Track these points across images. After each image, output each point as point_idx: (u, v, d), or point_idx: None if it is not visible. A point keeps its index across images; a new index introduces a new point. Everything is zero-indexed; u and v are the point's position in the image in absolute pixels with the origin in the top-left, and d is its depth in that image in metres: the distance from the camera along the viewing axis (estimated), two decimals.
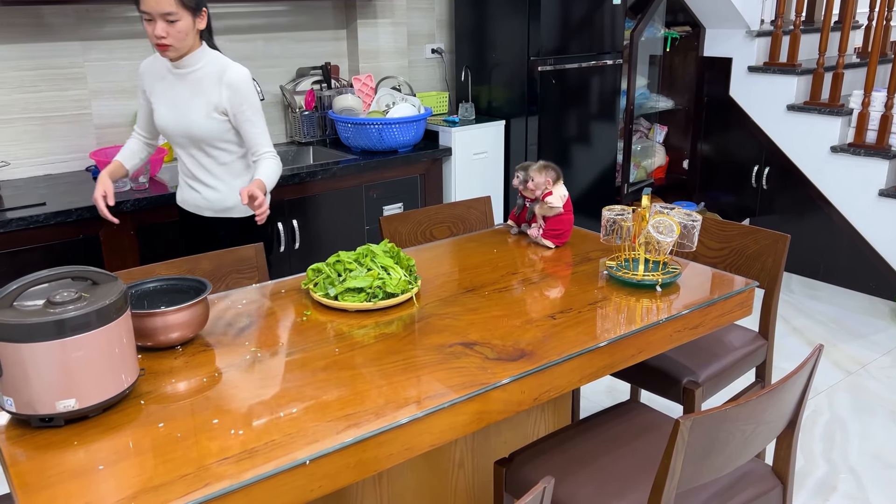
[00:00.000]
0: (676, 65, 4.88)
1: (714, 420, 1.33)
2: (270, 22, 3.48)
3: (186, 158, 2.37)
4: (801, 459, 2.63)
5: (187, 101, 2.26)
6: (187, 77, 2.26)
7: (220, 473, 1.21)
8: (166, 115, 2.30)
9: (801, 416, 1.60)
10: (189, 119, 2.26)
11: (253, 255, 2.20)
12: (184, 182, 2.44)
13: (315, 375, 1.52)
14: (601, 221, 2.06)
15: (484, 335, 1.69)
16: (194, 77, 2.25)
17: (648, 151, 4.92)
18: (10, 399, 1.33)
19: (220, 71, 2.24)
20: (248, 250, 2.20)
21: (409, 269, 1.94)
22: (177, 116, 2.28)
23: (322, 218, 3.17)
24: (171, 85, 2.28)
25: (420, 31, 4.04)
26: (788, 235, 2.30)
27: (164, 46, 2.14)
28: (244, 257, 2.19)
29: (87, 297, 1.37)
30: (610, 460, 1.72)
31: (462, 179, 3.65)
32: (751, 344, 2.35)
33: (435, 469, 1.95)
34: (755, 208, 4.59)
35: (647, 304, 1.86)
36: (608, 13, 3.92)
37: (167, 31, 2.11)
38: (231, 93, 2.24)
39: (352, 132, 3.37)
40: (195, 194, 2.41)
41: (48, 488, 1.18)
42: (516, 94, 3.80)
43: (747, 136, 4.55)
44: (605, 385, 3.14)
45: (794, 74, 4.26)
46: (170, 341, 1.62)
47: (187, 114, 2.26)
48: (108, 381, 1.38)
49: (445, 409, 1.41)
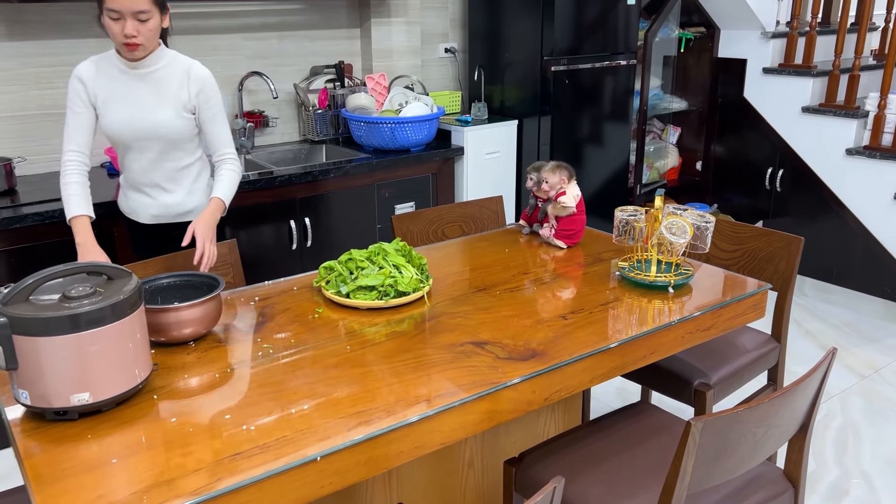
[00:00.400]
0: (690, 66, 4.86)
1: (726, 422, 1.32)
2: (284, 20, 3.50)
3: (143, 163, 2.23)
4: (813, 463, 2.62)
5: (153, 102, 2.16)
6: (148, 77, 2.16)
7: (233, 468, 1.21)
8: (124, 118, 2.16)
9: (814, 419, 1.59)
10: (156, 119, 2.16)
11: (227, 252, 2.21)
12: (134, 190, 2.29)
13: (326, 372, 1.52)
14: (614, 222, 2.06)
15: (495, 334, 1.69)
16: (157, 76, 2.17)
17: (661, 152, 4.90)
18: (25, 392, 1.34)
19: (185, 69, 2.19)
20: (221, 247, 2.20)
21: (421, 267, 1.95)
22: (140, 118, 2.16)
23: (334, 216, 3.18)
24: (128, 86, 2.16)
25: (433, 31, 4.04)
26: (802, 238, 2.29)
27: (134, 46, 2.06)
28: (218, 254, 2.15)
29: (101, 291, 1.39)
30: (620, 461, 1.71)
31: (474, 179, 3.65)
32: (763, 346, 2.34)
33: (444, 467, 1.96)
34: (769, 210, 4.56)
35: (659, 305, 1.86)
36: (622, 13, 3.91)
37: (138, 30, 2.04)
38: (199, 89, 2.20)
39: (364, 131, 3.37)
40: (150, 201, 2.29)
41: (62, 481, 1.19)
42: (529, 94, 3.79)
43: (761, 137, 4.52)
44: (616, 386, 3.13)
45: (810, 76, 4.23)
46: (183, 337, 1.63)
47: (154, 114, 2.16)
48: (121, 376, 1.39)
49: (456, 408, 1.42)
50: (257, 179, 2.91)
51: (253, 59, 3.45)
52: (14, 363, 1.32)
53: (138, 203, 2.31)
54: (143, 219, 2.32)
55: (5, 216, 2.47)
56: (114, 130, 2.18)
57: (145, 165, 2.24)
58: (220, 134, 2.26)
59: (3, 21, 2.84)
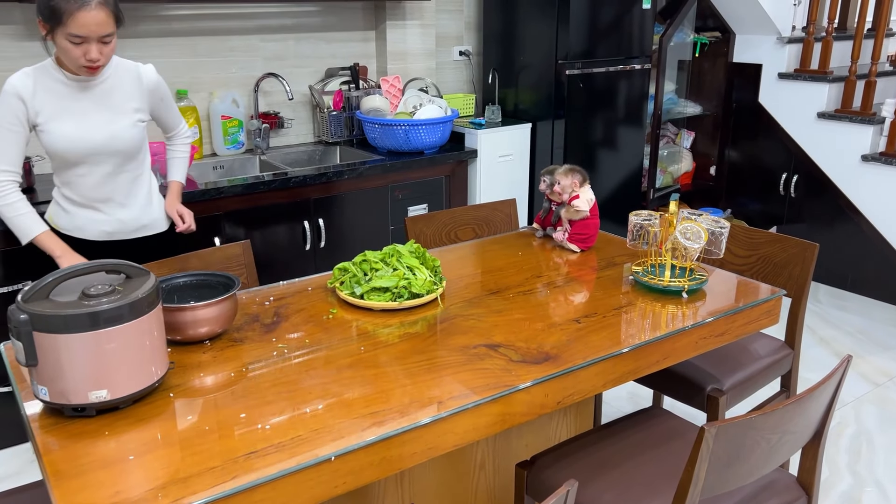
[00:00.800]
0: (705, 70, 4.84)
1: (739, 428, 1.32)
2: (301, 22, 3.52)
3: (96, 178, 2.12)
4: (826, 471, 2.61)
5: (106, 114, 2.08)
6: (96, 88, 2.07)
7: (248, 467, 1.22)
8: (76, 134, 2.04)
9: (828, 427, 1.59)
10: (112, 132, 2.08)
11: (240, 253, 2.22)
12: (80, 206, 2.16)
13: (340, 373, 1.53)
14: (628, 226, 2.06)
15: (508, 337, 1.69)
16: (106, 87, 2.08)
17: (675, 157, 4.89)
18: (44, 388, 1.36)
19: (134, 74, 2.14)
20: (235, 248, 2.21)
21: (435, 269, 1.95)
22: (94, 132, 2.06)
23: (347, 217, 3.19)
24: (75, 99, 2.05)
25: (448, 33, 4.05)
26: (817, 244, 2.28)
27: (95, 69, 1.98)
28: (231, 255, 2.20)
29: (120, 290, 1.40)
30: (633, 466, 1.71)
31: (487, 181, 3.66)
32: (777, 353, 2.33)
33: (456, 469, 1.96)
34: (783, 216, 4.54)
35: (672, 310, 1.85)
36: (637, 18, 3.91)
37: (102, 53, 1.95)
38: (153, 92, 2.18)
39: (379, 133, 3.39)
40: (102, 217, 2.18)
41: (80, 476, 1.21)
42: (543, 98, 3.79)
43: (776, 143, 4.50)
44: (627, 391, 3.13)
45: (826, 82, 4.21)
46: (199, 336, 1.65)
47: (109, 127, 2.08)
48: (138, 373, 1.40)
49: (469, 410, 1.42)
50: (272, 180, 2.93)
51: (269, 61, 3.47)
52: (34, 360, 1.34)
53: (86, 219, 2.17)
54: (92, 235, 2.19)
55: None
56: (63, 147, 2.05)
57: (98, 180, 2.13)
58: (174, 114, 2.33)
59: (24, 21, 2.87)
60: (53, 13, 1.88)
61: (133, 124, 2.13)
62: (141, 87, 2.14)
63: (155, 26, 3.14)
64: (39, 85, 2.01)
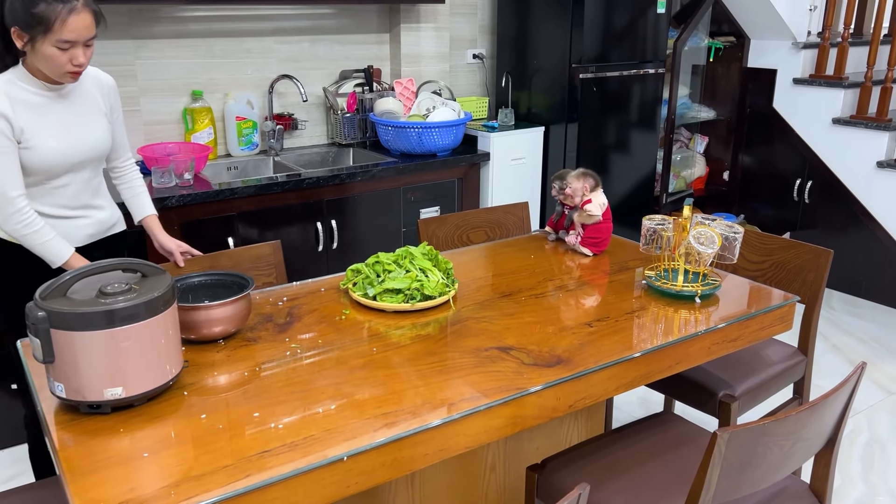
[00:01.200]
0: (719, 75, 4.83)
1: (752, 434, 1.32)
2: (316, 24, 3.53)
3: (77, 186, 2.06)
4: (839, 479, 2.59)
5: (84, 121, 2.02)
6: (69, 95, 1.99)
7: (261, 465, 1.23)
8: (61, 146, 1.96)
9: (841, 434, 1.58)
10: (92, 138, 2.03)
11: (270, 253, 2.24)
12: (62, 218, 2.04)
13: (353, 373, 1.54)
14: (641, 230, 2.06)
15: (520, 340, 1.69)
16: (77, 93, 2.01)
17: (688, 162, 4.87)
18: (60, 385, 1.37)
19: (94, 78, 2.07)
20: (265, 248, 2.23)
21: (447, 272, 1.96)
22: (77, 141, 1.99)
23: (360, 218, 3.20)
24: (52, 110, 1.95)
25: (462, 36, 4.06)
26: (831, 251, 2.27)
27: (79, 73, 1.90)
28: (262, 254, 2.22)
29: (136, 288, 1.41)
30: (644, 471, 1.71)
31: (499, 184, 3.66)
32: (789, 359, 2.32)
33: (467, 472, 1.96)
34: (796, 222, 4.52)
35: (685, 315, 1.85)
36: (651, 22, 3.90)
37: (86, 56, 1.88)
38: (111, 96, 2.11)
39: (392, 135, 3.39)
40: (86, 222, 2.11)
41: (95, 473, 1.22)
42: (556, 101, 3.79)
43: (790, 148, 4.48)
44: (638, 396, 3.12)
45: (841, 87, 4.19)
46: (213, 335, 1.66)
47: (90, 133, 2.02)
48: (153, 371, 1.42)
49: (481, 412, 1.42)
50: (285, 181, 2.95)
51: (284, 63, 3.48)
52: (51, 356, 1.36)
53: (71, 227, 2.07)
54: (78, 241, 2.08)
55: None
56: (51, 162, 1.95)
57: (79, 188, 2.06)
58: (123, 140, 2.19)
59: None
60: (40, 20, 1.79)
61: (106, 129, 2.08)
62: (102, 91, 2.08)
63: (171, 27, 3.17)
64: (15, 99, 1.88)
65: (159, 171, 2.81)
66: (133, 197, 2.26)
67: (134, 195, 2.26)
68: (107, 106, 2.09)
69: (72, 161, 1.99)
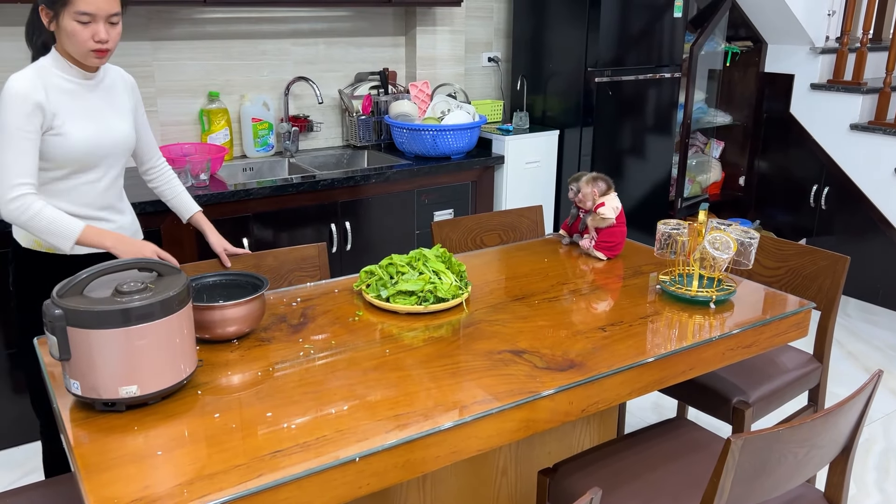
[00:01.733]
0: (736, 80, 4.80)
1: (766, 441, 1.31)
2: (332, 27, 3.55)
3: (104, 184, 1.99)
4: (854, 488, 2.56)
5: (112, 113, 1.98)
6: (99, 87, 1.96)
7: (273, 465, 1.24)
8: (91, 135, 1.91)
9: (857, 442, 1.56)
10: (120, 131, 1.99)
11: (315, 254, 2.25)
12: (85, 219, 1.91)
13: (365, 375, 1.54)
14: (656, 235, 2.05)
15: (533, 344, 1.69)
16: (105, 86, 1.99)
17: (704, 166, 4.85)
18: (76, 382, 1.38)
19: (120, 75, 2.06)
20: (310, 249, 2.25)
21: (460, 274, 1.96)
22: (105, 132, 1.95)
23: (374, 220, 3.21)
24: (85, 99, 1.93)
25: (478, 40, 4.06)
26: (848, 257, 2.25)
27: (104, 52, 1.85)
28: (307, 256, 2.24)
29: (152, 288, 1.42)
30: (657, 476, 1.70)
31: (514, 188, 3.66)
32: (805, 366, 2.30)
33: (478, 475, 1.96)
34: (812, 228, 4.48)
35: (699, 320, 1.84)
36: (668, 26, 3.89)
37: (110, 35, 1.84)
38: (135, 94, 2.09)
39: (406, 137, 3.40)
40: (108, 226, 2.01)
41: (109, 470, 1.23)
42: (571, 105, 3.79)
43: (807, 154, 4.45)
44: (651, 401, 3.10)
45: (860, 93, 4.16)
46: (227, 335, 1.67)
47: (117, 126, 1.99)
48: (168, 370, 1.43)
49: (493, 415, 1.42)
50: (300, 183, 2.96)
51: (300, 65, 3.50)
52: (67, 354, 1.37)
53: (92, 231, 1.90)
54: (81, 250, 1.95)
55: None
56: (80, 149, 1.90)
57: (105, 185, 2.00)
58: (152, 139, 2.17)
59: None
60: None
61: (131, 125, 2.05)
62: (127, 88, 2.07)
63: (189, 29, 3.19)
64: (50, 86, 1.86)
65: (175, 172, 2.82)
66: (175, 197, 2.23)
67: (175, 195, 2.23)
68: (132, 103, 2.07)
69: (101, 151, 1.94)
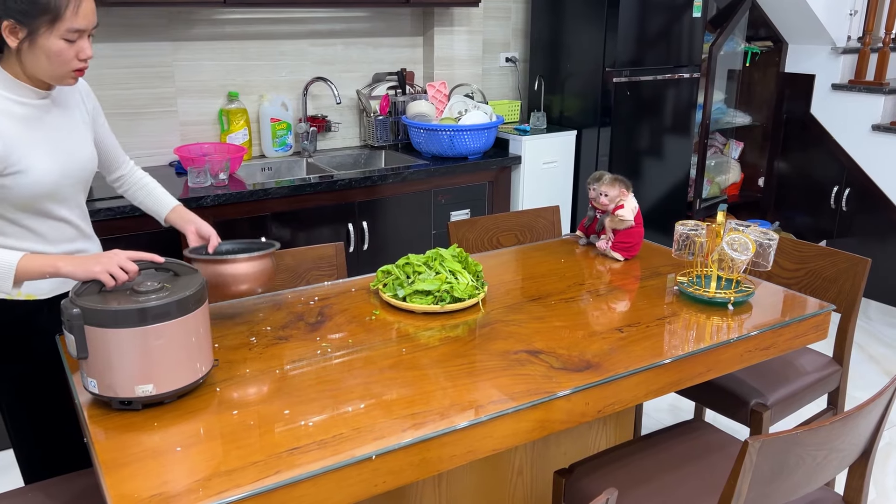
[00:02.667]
0: (756, 80, 4.76)
1: (784, 443, 1.30)
2: (350, 28, 3.56)
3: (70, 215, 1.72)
4: (874, 492, 2.53)
5: (73, 136, 1.70)
6: (53, 105, 1.66)
7: (291, 462, 1.24)
8: (54, 166, 1.62)
9: (876, 446, 1.55)
10: (84, 155, 1.71)
11: (333, 254, 2.26)
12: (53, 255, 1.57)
13: (382, 373, 1.55)
14: (674, 236, 2.04)
15: (549, 344, 1.69)
16: (59, 101, 1.68)
17: (723, 167, 4.81)
18: (93, 381, 1.40)
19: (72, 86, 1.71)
20: (328, 248, 2.26)
21: (477, 274, 1.96)
22: (68, 160, 1.66)
23: (391, 220, 3.22)
24: (42, 124, 1.63)
25: (495, 40, 4.06)
26: (869, 259, 2.22)
27: (82, 72, 1.61)
28: (324, 255, 2.25)
29: (168, 287, 1.44)
30: (673, 478, 1.69)
31: (531, 188, 3.65)
32: (824, 369, 2.28)
33: (494, 475, 1.96)
34: (833, 230, 4.44)
35: (717, 322, 1.83)
36: (687, 26, 3.86)
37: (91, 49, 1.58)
38: (91, 99, 1.79)
39: (423, 138, 3.41)
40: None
41: (129, 465, 1.24)
42: (589, 105, 3.77)
43: (828, 155, 4.40)
44: (668, 403, 3.08)
45: (882, 93, 4.11)
46: (239, 293, 1.68)
47: (80, 150, 1.71)
48: (184, 369, 1.44)
49: (509, 415, 1.42)
50: (318, 182, 2.97)
51: (318, 65, 3.52)
52: (85, 352, 1.38)
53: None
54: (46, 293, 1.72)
55: None
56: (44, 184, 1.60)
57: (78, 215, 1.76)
58: (115, 144, 1.89)
59: None
60: (45, 8, 1.48)
61: (91, 142, 1.77)
62: (81, 96, 1.77)
63: (208, 30, 3.21)
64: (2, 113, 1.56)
65: (195, 171, 2.85)
66: (147, 196, 1.94)
67: (147, 194, 1.94)
68: (89, 114, 1.78)
69: (67, 183, 1.66)
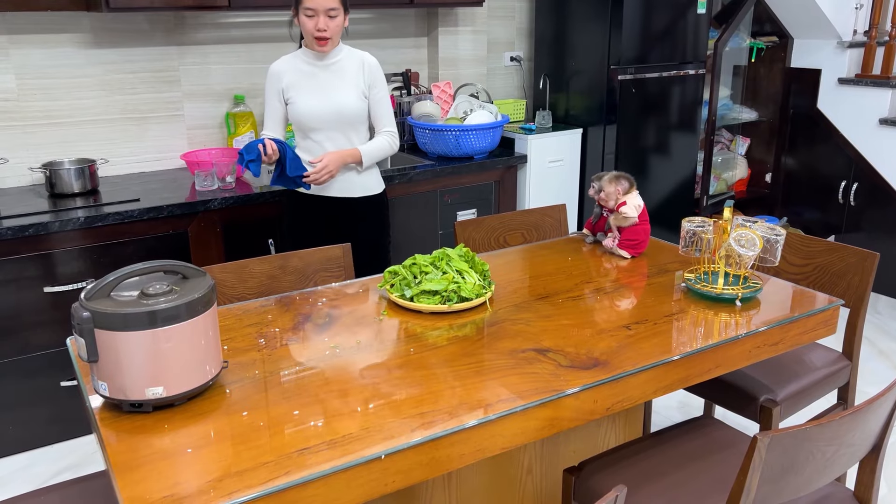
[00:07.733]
0: (761, 76, 4.75)
1: (794, 439, 1.29)
2: (354, 29, 3.56)
3: (329, 145, 2.55)
4: (885, 487, 2.52)
5: (336, 88, 2.52)
6: (331, 67, 2.53)
7: (301, 462, 1.25)
8: (313, 102, 2.51)
9: (887, 441, 1.54)
10: (339, 101, 2.51)
11: (340, 255, 2.27)
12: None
13: (390, 373, 1.55)
14: (680, 233, 2.04)
15: (557, 342, 1.69)
16: (338, 66, 2.54)
17: (730, 163, 4.80)
18: (104, 384, 1.41)
19: (360, 59, 2.56)
20: (335, 250, 2.26)
21: (484, 273, 1.96)
22: (326, 101, 2.51)
23: (397, 221, 3.22)
24: (315, 76, 2.52)
25: (500, 39, 4.06)
26: (877, 254, 2.22)
27: (324, 40, 2.42)
28: (332, 256, 2.26)
29: (177, 290, 1.44)
30: (683, 475, 1.69)
31: (537, 187, 3.65)
32: (833, 364, 2.27)
33: (503, 473, 1.96)
34: (841, 225, 4.42)
35: (725, 318, 1.83)
36: (691, 22, 3.86)
37: (328, 25, 2.40)
38: (372, 74, 2.56)
39: (429, 138, 3.41)
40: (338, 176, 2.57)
41: (140, 467, 1.25)
42: (594, 103, 3.77)
43: (835, 150, 4.39)
44: (677, 400, 3.08)
45: (889, 87, 4.09)
46: None
47: (337, 98, 2.51)
48: (193, 372, 1.44)
49: (518, 414, 1.42)
50: None
51: None
52: (95, 356, 1.39)
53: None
54: (333, 192, 2.61)
55: (88, 215, 2.59)
56: (303, 114, 2.51)
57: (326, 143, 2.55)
58: (383, 113, 2.62)
59: (91, 30, 2.98)
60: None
61: (358, 97, 2.54)
62: (364, 69, 2.55)
63: (214, 33, 3.23)
64: (292, 66, 2.54)
65: (202, 175, 2.87)
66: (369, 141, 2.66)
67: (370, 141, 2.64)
68: (365, 83, 2.55)
69: (318, 115, 2.51)
